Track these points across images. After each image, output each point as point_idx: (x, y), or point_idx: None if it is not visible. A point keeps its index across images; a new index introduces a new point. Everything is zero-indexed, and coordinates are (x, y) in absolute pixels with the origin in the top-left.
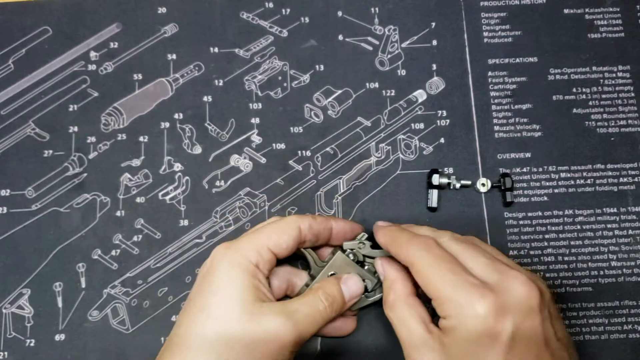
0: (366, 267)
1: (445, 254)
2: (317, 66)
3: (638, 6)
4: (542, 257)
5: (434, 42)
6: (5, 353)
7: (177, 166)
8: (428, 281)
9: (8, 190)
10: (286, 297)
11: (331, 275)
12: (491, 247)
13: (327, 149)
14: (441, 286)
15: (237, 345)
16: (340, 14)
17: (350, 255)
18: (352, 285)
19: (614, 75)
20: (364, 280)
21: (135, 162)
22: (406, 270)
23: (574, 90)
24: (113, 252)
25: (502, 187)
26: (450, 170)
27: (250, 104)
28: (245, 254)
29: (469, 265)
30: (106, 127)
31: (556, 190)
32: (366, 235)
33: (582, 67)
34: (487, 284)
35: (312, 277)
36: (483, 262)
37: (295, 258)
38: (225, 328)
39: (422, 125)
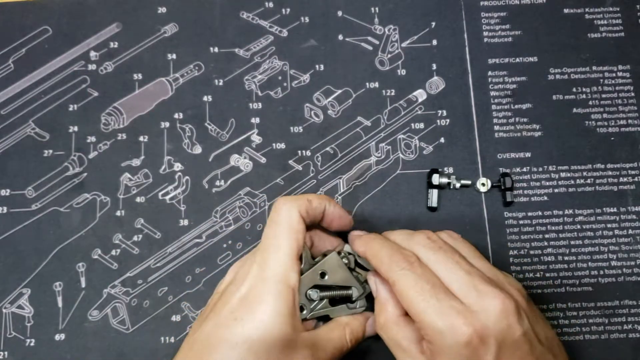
0: (355, 275)
1: (428, 273)
2: (317, 66)
3: (638, 6)
4: (542, 257)
5: (434, 42)
6: (5, 353)
7: (177, 166)
8: (410, 304)
9: (8, 190)
10: None
11: (321, 273)
12: (468, 246)
13: (327, 148)
14: (424, 312)
15: None
16: (340, 13)
17: (344, 260)
18: (374, 326)
19: (614, 75)
20: (350, 288)
21: (135, 162)
22: None
23: (574, 90)
24: (113, 252)
25: (502, 187)
26: (450, 170)
27: (250, 104)
28: (284, 279)
29: (448, 279)
30: (106, 126)
31: (556, 190)
32: None
33: (582, 66)
34: (467, 307)
35: (301, 272)
36: (461, 277)
37: None
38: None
39: (422, 125)
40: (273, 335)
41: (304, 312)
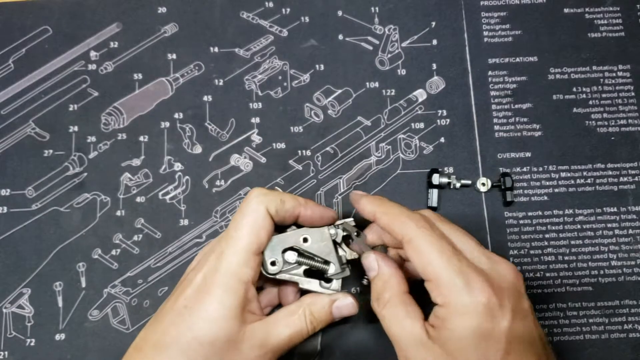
0: (338, 256)
1: (446, 237)
2: (317, 66)
3: (638, 6)
4: (542, 257)
5: (434, 42)
6: (6, 352)
7: (177, 166)
8: (428, 262)
9: (8, 190)
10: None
11: (304, 238)
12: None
13: (327, 148)
14: (445, 269)
15: None
16: (340, 13)
17: (332, 230)
18: (344, 310)
19: (614, 74)
20: (328, 264)
21: (136, 162)
22: (399, 267)
23: (574, 89)
24: (113, 252)
25: (502, 187)
26: (451, 169)
27: (250, 104)
28: (237, 274)
29: (460, 246)
30: (106, 126)
31: (556, 190)
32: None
33: (582, 66)
34: (483, 270)
35: (280, 231)
36: (473, 246)
37: None
38: (208, 352)
39: (422, 125)
40: (218, 327)
41: (274, 267)
